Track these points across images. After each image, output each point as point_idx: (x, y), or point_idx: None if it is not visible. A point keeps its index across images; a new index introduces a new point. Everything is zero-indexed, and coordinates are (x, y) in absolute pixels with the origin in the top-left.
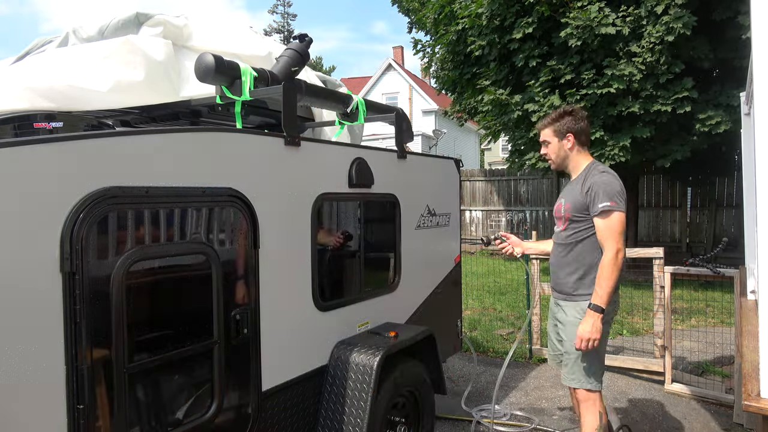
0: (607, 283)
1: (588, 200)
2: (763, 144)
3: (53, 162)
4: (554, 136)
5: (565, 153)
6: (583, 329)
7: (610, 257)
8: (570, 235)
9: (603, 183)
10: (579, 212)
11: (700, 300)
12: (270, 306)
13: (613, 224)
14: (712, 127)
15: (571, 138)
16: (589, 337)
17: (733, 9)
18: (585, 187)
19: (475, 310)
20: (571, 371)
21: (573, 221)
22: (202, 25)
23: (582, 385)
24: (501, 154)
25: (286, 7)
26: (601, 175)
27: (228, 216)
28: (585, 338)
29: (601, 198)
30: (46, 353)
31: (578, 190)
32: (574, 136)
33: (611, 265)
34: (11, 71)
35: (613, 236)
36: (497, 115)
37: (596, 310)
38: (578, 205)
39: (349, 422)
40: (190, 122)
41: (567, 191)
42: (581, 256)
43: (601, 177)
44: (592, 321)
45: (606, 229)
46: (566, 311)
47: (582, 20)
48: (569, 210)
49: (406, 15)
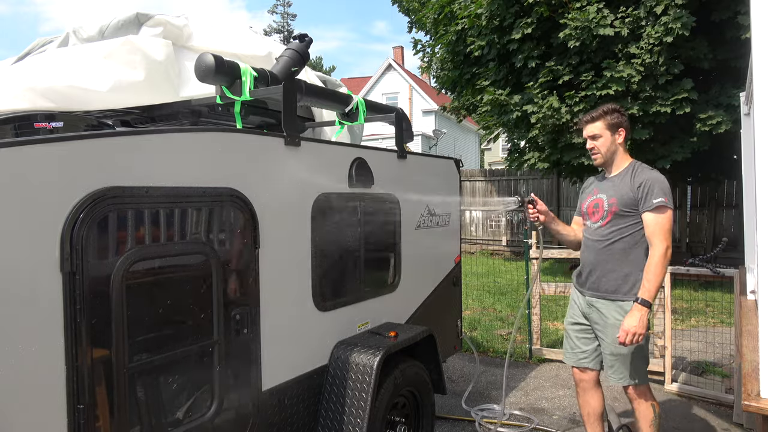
0: (657, 279)
1: (639, 195)
2: (763, 144)
3: (53, 162)
4: (607, 129)
5: (615, 147)
6: (630, 323)
7: (661, 253)
8: (613, 231)
9: (657, 179)
10: (627, 207)
11: (700, 300)
12: (270, 306)
13: (665, 221)
14: (712, 126)
15: (622, 132)
16: (636, 331)
17: (732, 9)
18: (636, 182)
19: (475, 310)
20: (618, 371)
21: (619, 216)
22: (202, 26)
23: (631, 382)
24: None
25: (285, 7)
26: (651, 171)
27: (228, 216)
28: (631, 332)
29: (656, 194)
30: (46, 353)
31: (626, 184)
32: (625, 132)
33: (661, 262)
34: (12, 71)
35: (664, 233)
36: (496, 115)
37: (644, 305)
38: (627, 200)
39: (349, 422)
40: (190, 122)
41: (607, 186)
42: (625, 253)
43: (652, 173)
44: (640, 315)
45: (657, 225)
46: (605, 312)
47: (580, 21)
48: (616, 204)
49: (406, 15)
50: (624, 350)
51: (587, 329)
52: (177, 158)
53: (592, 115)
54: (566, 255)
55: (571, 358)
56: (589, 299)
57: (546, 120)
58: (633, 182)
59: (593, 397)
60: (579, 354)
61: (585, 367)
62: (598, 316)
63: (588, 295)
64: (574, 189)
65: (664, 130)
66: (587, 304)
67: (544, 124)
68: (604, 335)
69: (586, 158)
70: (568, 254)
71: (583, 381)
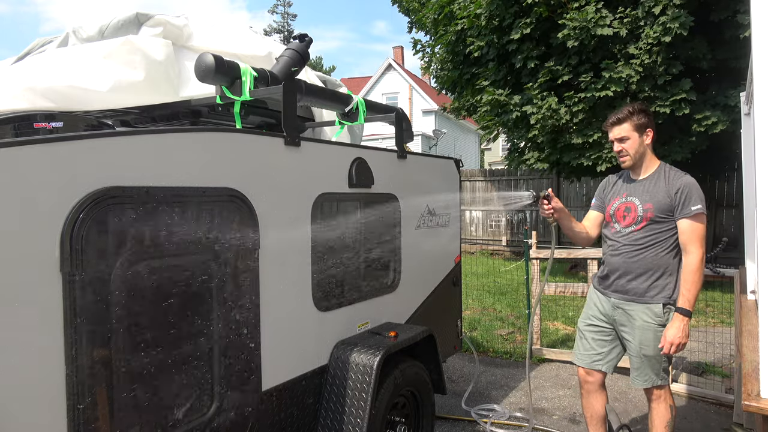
0: (696, 287)
1: (676, 201)
2: (763, 144)
3: (53, 162)
4: (634, 131)
5: (643, 149)
6: (674, 334)
7: (698, 261)
8: (647, 237)
9: (694, 185)
10: (664, 213)
11: (700, 300)
12: (270, 306)
13: (701, 228)
14: (708, 127)
15: (650, 133)
16: (679, 342)
17: (731, 8)
18: (673, 188)
19: (475, 310)
20: (643, 373)
21: (655, 222)
22: (202, 26)
23: (654, 383)
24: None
25: (286, 7)
26: (685, 176)
27: (228, 216)
28: (675, 343)
29: (695, 201)
30: (46, 353)
31: (662, 190)
32: (653, 132)
33: (698, 270)
34: (11, 71)
35: (700, 240)
36: (496, 115)
37: (685, 314)
38: (664, 206)
39: (349, 422)
40: (190, 122)
41: (639, 191)
42: (657, 258)
43: (687, 178)
44: (682, 325)
45: (693, 233)
46: (632, 314)
47: (579, 21)
48: (651, 210)
49: (406, 15)
50: (650, 352)
51: (605, 331)
52: (177, 158)
53: (618, 117)
54: (566, 255)
55: (583, 359)
56: (615, 302)
57: (545, 120)
58: (669, 187)
59: (597, 399)
60: (593, 356)
61: (597, 369)
62: (625, 318)
63: (614, 297)
64: (573, 189)
65: (664, 131)
66: (612, 307)
67: (543, 125)
68: (631, 337)
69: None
70: (567, 254)
71: (589, 383)
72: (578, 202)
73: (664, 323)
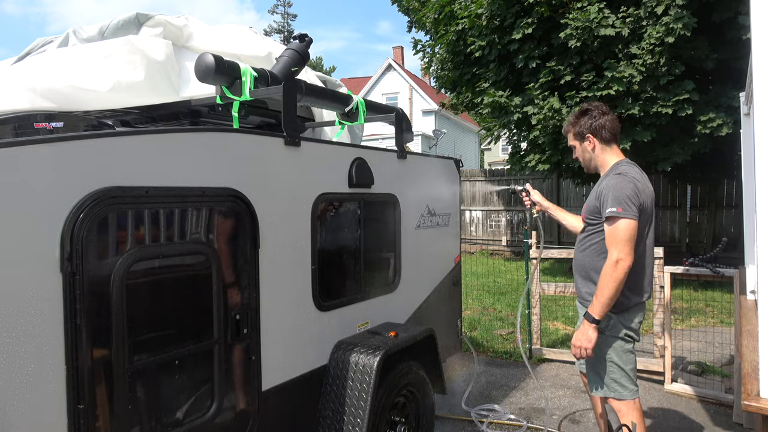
0: (606, 292)
1: (600, 204)
2: (762, 144)
3: (53, 162)
4: (575, 140)
5: (589, 155)
6: (576, 337)
7: (608, 265)
8: (585, 239)
9: (613, 187)
10: (592, 215)
11: (700, 300)
12: (270, 306)
13: (617, 231)
14: (713, 129)
15: (591, 138)
16: (580, 345)
17: (733, 9)
18: (598, 189)
19: (475, 310)
20: (592, 380)
21: (588, 224)
22: (202, 26)
23: (605, 394)
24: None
25: (286, 7)
26: (614, 177)
27: (228, 216)
28: (576, 345)
29: (609, 203)
30: (46, 353)
31: (594, 191)
32: (594, 136)
33: (608, 275)
34: (12, 71)
35: (615, 244)
36: (497, 117)
37: (589, 320)
38: (591, 207)
39: (349, 422)
40: (190, 122)
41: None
42: (591, 260)
43: (612, 180)
44: (586, 331)
45: (610, 235)
46: (580, 317)
47: (581, 21)
48: (584, 212)
49: (405, 14)
50: (591, 360)
51: None
52: (177, 158)
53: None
54: (566, 255)
55: (579, 366)
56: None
57: (547, 121)
58: (597, 189)
59: (598, 399)
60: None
61: (582, 372)
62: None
63: None
64: (574, 190)
65: (665, 132)
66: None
67: (544, 125)
68: None
69: None
70: (567, 254)
71: (586, 384)
72: (578, 202)
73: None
